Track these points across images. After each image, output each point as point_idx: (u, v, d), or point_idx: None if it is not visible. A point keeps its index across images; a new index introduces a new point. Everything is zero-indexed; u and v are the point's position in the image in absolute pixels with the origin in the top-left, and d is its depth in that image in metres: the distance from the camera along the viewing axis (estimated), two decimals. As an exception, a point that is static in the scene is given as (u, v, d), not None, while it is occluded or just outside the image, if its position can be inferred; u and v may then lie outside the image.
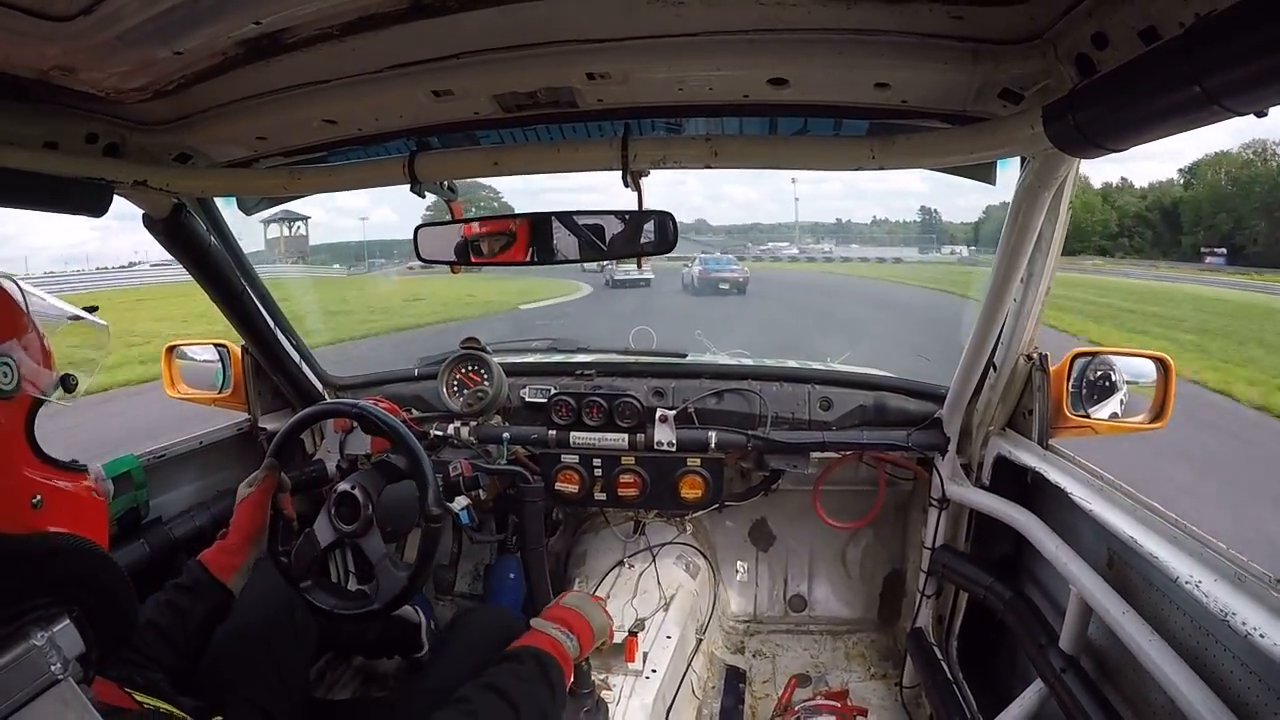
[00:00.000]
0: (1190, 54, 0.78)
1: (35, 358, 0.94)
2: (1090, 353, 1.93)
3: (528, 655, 1.37)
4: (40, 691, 0.80)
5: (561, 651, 1.46)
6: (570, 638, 1.51)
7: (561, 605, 1.63)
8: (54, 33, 1.06)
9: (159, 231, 1.86)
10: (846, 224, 58.95)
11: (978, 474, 2.16)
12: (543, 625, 1.52)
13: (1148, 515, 1.47)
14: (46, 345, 0.97)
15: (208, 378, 2.52)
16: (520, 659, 1.36)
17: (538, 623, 1.53)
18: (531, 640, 1.46)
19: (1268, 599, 1.13)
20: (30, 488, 0.90)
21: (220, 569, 1.50)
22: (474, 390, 2.50)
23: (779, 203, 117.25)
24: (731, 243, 52.42)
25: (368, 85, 1.39)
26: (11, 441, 0.90)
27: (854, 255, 45.85)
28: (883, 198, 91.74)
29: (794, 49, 1.22)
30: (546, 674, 1.35)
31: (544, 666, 1.36)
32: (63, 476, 0.95)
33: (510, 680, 1.28)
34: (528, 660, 1.36)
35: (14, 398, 0.90)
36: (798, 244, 52.79)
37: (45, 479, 0.92)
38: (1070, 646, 1.62)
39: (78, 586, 0.90)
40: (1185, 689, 1.21)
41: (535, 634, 1.49)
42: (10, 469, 0.89)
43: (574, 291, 25.03)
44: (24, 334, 0.93)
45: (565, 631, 1.51)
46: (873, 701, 2.45)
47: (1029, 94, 1.21)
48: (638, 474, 2.38)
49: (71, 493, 0.96)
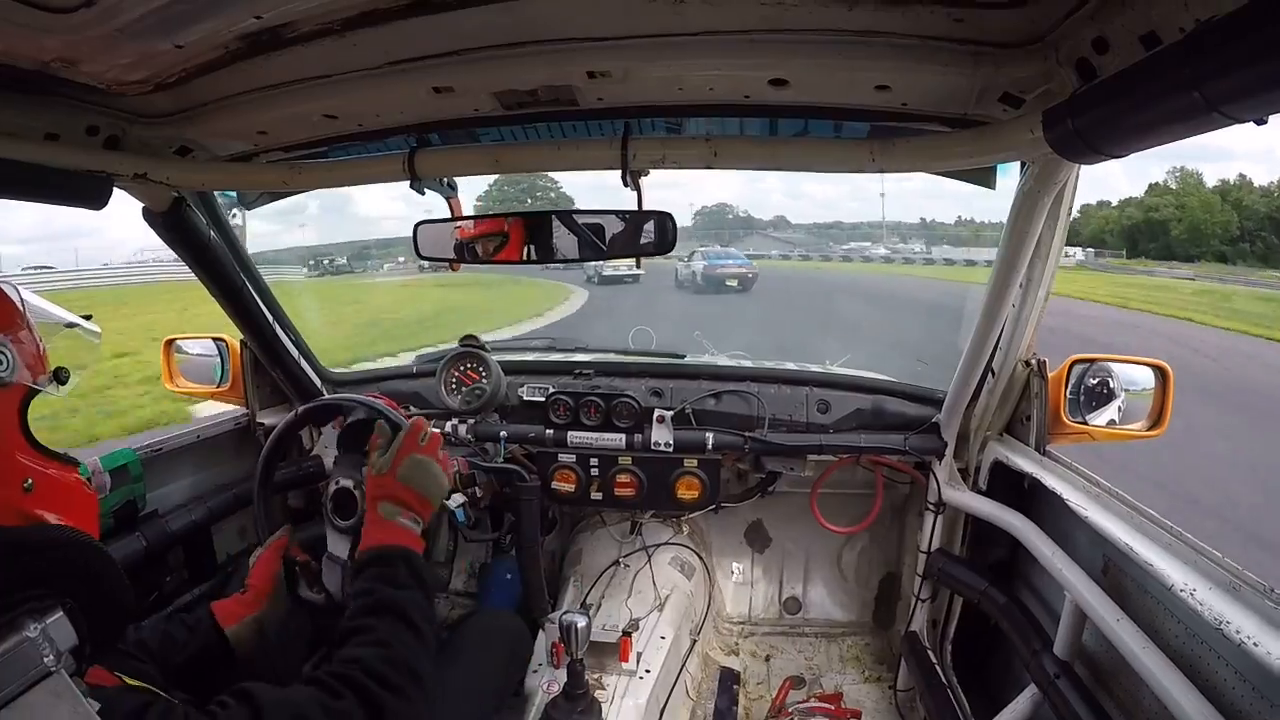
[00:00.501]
0: (1190, 60, 0.78)
1: (30, 350, 0.98)
2: (1089, 359, 1.93)
3: (394, 558, 1.33)
4: (33, 684, 0.80)
5: (415, 536, 1.43)
6: (417, 522, 1.45)
7: (396, 480, 1.47)
8: (55, 25, 1.06)
9: (159, 225, 1.86)
10: (931, 223, 55.90)
11: (975, 479, 2.16)
12: (390, 513, 1.42)
13: (1143, 523, 1.46)
14: (40, 342, 1.01)
15: (206, 372, 2.52)
16: (389, 563, 1.32)
17: (385, 508, 1.43)
18: (386, 536, 1.39)
19: (1262, 608, 1.13)
20: (22, 471, 0.93)
21: (225, 615, 1.48)
22: (472, 388, 2.50)
23: (859, 200, 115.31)
24: (813, 241, 50.12)
25: (368, 81, 1.39)
26: (5, 427, 0.93)
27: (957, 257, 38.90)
28: (966, 199, 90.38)
29: (795, 50, 1.22)
30: (416, 573, 1.33)
31: (411, 565, 1.34)
32: (54, 466, 0.98)
33: (394, 595, 1.26)
34: (396, 564, 1.32)
35: (9, 386, 0.94)
36: (885, 243, 48.57)
37: (37, 465, 0.95)
38: (1064, 652, 1.62)
39: (71, 579, 0.91)
40: (1179, 697, 1.21)
41: (384, 525, 1.41)
42: (1, 451, 0.92)
43: (562, 299, 22.37)
44: (20, 329, 0.98)
45: (413, 517, 1.45)
46: (867, 705, 2.45)
47: (1029, 98, 1.21)
48: (634, 474, 2.38)
49: (62, 481, 0.99)
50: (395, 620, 1.22)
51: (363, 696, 1.08)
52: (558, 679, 1.86)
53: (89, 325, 1.18)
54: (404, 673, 1.15)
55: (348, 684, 1.09)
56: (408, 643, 1.19)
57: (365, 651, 1.16)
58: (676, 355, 2.83)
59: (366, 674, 1.11)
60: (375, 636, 1.18)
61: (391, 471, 1.47)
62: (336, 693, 1.07)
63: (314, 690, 1.07)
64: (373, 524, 1.42)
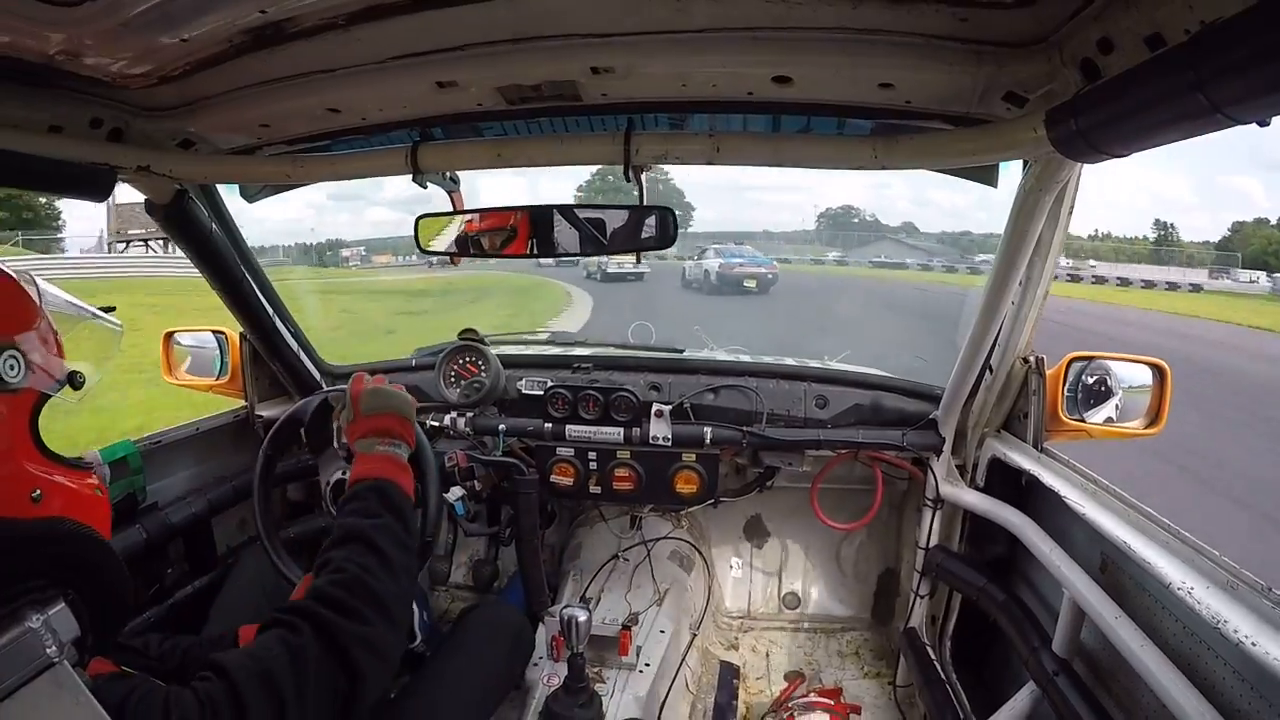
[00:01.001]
0: (1194, 61, 0.78)
1: (45, 353, 0.95)
2: (1087, 357, 1.93)
3: (366, 491, 1.32)
4: (36, 674, 0.80)
5: (398, 464, 1.42)
6: (398, 445, 1.45)
7: (364, 416, 1.48)
8: (60, 17, 1.06)
9: (161, 217, 1.86)
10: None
11: (972, 475, 2.17)
12: (367, 446, 1.43)
13: (1142, 520, 1.47)
14: (58, 342, 0.98)
15: (205, 364, 2.52)
16: (361, 497, 1.31)
17: (362, 444, 1.43)
18: (365, 469, 1.38)
19: (1259, 607, 1.13)
20: (31, 482, 0.90)
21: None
22: (470, 381, 2.50)
23: (986, 210, 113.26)
24: (942, 250, 48.50)
25: (372, 75, 1.39)
26: (14, 434, 0.91)
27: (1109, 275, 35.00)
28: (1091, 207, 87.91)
29: (798, 47, 1.22)
30: (390, 501, 1.32)
31: (385, 495, 1.32)
32: (64, 473, 0.96)
33: (360, 523, 1.24)
34: (368, 496, 1.31)
35: (20, 391, 0.90)
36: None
37: (46, 473, 0.93)
38: (1063, 649, 1.63)
39: (73, 570, 0.90)
40: (1177, 695, 1.22)
41: (364, 460, 1.41)
42: (9, 460, 0.89)
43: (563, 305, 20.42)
44: (35, 328, 0.94)
45: (391, 442, 1.44)
46: (866, 700, 2.46)
47: (1033, 97, 1.21)
48: (633, 468, 2.38)
49: (73, 489, 0.96)
50: (358, 547, 1.20)
51: (315, 623, 1.06)
52: (558, 672, 1.87)
53: (110, 318, 1.15)
54: (362, 596, 1.12)
55: (303, 614, 1.07)
56: (370, 567, 1.17)
57: (321, 580, 1.15)
58: (675, 350, 2.83)
59: (319, 601, 1.09)
60: (334, 565, 1.16)
61: (356, 414, 1.48)
62: (294, 627, 1.05)
63: (276, 631, 1.05)
64: (355, 464, 1.41)
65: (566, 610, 1.78)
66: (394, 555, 1.22)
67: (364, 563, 1.17)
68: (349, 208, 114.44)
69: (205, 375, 2.52)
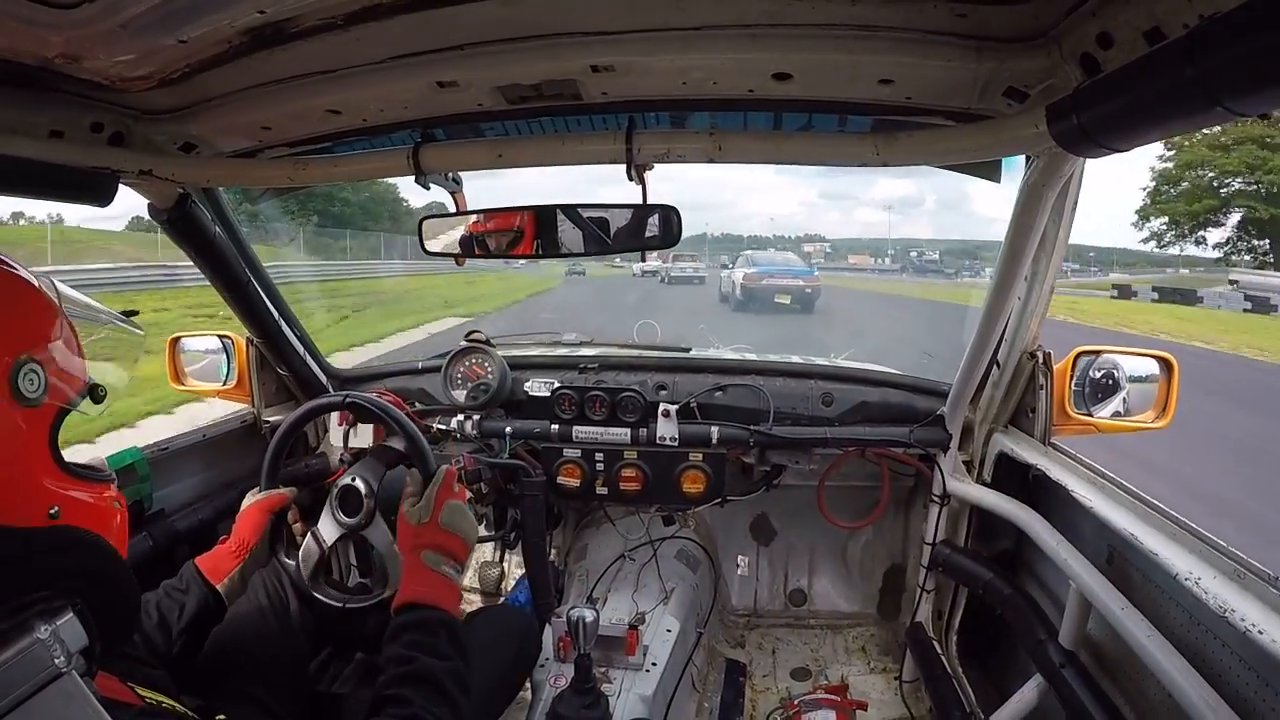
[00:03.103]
0: (1193, 55, 0.79)
1: (65, 366, 0.92)
2: (1094, 351, 1.92)
3: (436, 624, 1.30)
4: (43, 685, 0.79)
5: (457, 592, 1.41)
6: (459, 571, 1.43)
7: (440, 528, 1.43)
8: (58, 20, 1.06)
9: (164, 222, 1.86)
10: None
11: (979, 470, 2.17)
12: (434, 562, 1.39)
13: (1148, 512, 1.47)
14: (79, 353, 0.95)
15: (211, 370, 2.52)
16: (430, 629, 1.29)
17: (428, 557, 1.39)
18: (428, 591, 1.34)
19: (1266, 596, 1.13)
20: (48, 499, 0.89)
21: (213, 571, 1.53)
22: (477, 383, 2.50)
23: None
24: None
25: (372, 75, 1.39)
26: (33, 449, 0.88)
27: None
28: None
29: (798, 44, 1.22)
30: (459, 643, 1.30)
31: (454, 634, 1.31)
32: (82, 487, 0.94)
33: (432, 666, 1.24)
34: (438, 631, 1.29)
35: (39, 405, 0.88)
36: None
37: (63, 489, 0.91)
38: (1070, 642, 1.63)
39: (81, 579, 0.88)
40: (1184, 684, 1.22)
41: (427, 576, 1.37)
42: (28, 476, 0.87)
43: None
44: (56, 340, 0.91)
45: (455, 566, 1.41)
46: (872, 695, 2.46)
47: (1033, 92, 1.21)
48: (639, 468, 2.38)
49: (91, 504, 0.95)
50: (432, 693, 1.20)
51: None
52: (565, 673, 1.88)
53: (131, 324, 1.13)
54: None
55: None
56: (443, 718, 1.18)
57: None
58: (682, 349, 2.83)
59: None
60: (411, 711, 1.17)
61: (433, 519, 1.43)
62: None
63: None
64: (413, 573, 1.37)
65: (574, 611, 1.78)
66: (461, 703, 1.22)
67: (439, 713, 1.18)
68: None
69: (212, 381, 2.52)
